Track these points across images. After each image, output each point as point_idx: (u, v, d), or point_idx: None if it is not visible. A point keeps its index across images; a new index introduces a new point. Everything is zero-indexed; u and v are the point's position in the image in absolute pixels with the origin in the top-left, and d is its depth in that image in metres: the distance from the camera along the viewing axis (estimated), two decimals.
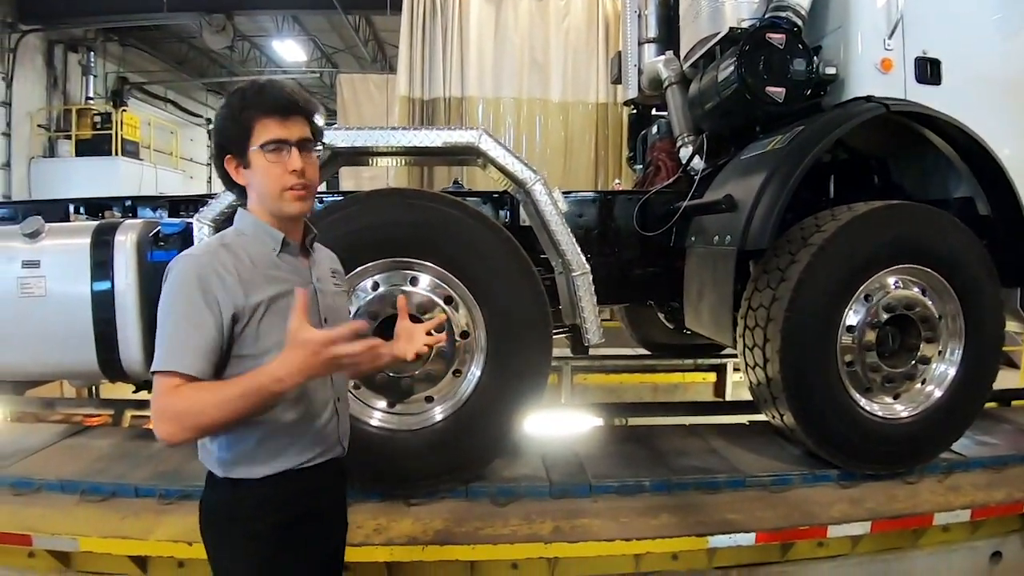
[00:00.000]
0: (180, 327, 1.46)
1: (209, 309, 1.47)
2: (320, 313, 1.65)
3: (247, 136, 1.54)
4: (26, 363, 3.01)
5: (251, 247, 1.58)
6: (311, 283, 1.65)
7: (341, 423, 1.72)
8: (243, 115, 1.54)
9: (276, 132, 1.53)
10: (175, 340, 1.46)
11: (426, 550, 2.50)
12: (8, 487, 2.92)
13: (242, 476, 1.56)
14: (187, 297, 1.47)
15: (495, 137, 3.03)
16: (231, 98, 1.57)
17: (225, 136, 1.57)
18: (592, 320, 3.01)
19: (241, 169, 1.58)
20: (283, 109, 1.54)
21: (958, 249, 3.03)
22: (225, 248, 1.55)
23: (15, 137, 13.69)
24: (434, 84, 8.02)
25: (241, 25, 14.72)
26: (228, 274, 1.49)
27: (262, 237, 1.60)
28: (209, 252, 1.54)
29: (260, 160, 1.54)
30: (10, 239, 2.96)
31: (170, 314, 1.48)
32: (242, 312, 1.50)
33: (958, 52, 3.23)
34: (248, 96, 1.55)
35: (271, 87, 1.57)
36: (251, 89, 1.57)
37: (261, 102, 1.54)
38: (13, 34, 13.25)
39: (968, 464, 3.20)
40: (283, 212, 1.58)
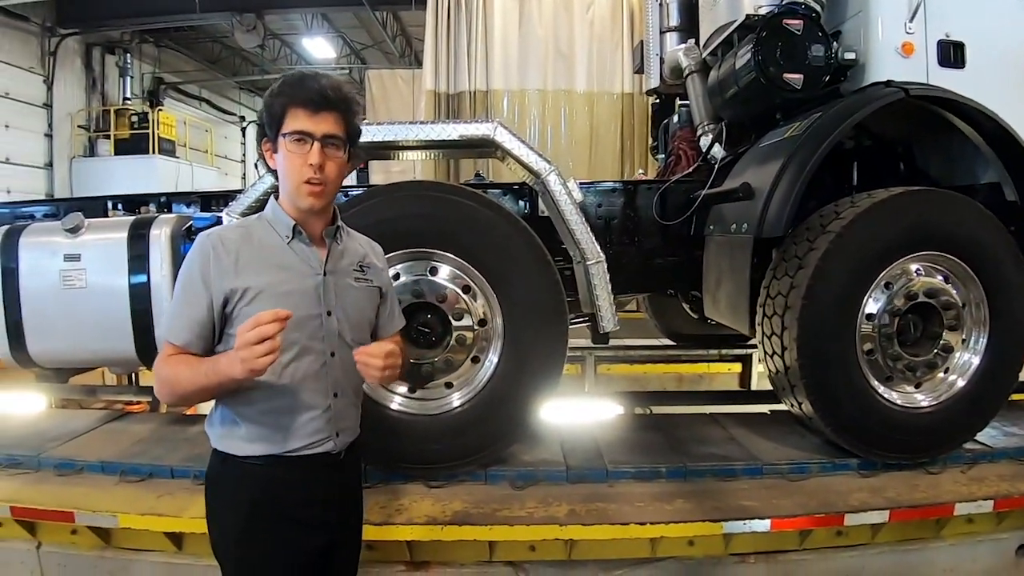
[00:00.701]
0: (179, 300, 1.60)
1: (204, 286, 1.57)
2: (323, 305, 1.65)
3: (279, 122, 1.59)
4: (68, 351, 3.16)
5: (265, 232, 1.65)
6: (319, 274, 1.65)
7: (338, 418, 1.69)
8: (278, 101, 1.59)
9: (303, 124, 1.57)
10: (173, 312, 1.61)
11: (445, 530, 2.57)
12: (53, 468, 3.08)
13: (228, 451, 1.64)
14: (188, 273, 1.59)
15: (511, 129, 3.07)
16: (276, 83, 1.63)
17: (263, 119, 1.64)
18: (607, 308, 3.05)
19: (272, 154, 1.65)
20: (314, 102, 1.57)
21: (982, 235, 2.98)
22: (241, 229, 1.66)
23: (56, 138, 14.16)
24: (459, 78, 8.09)
25: (272, 24, 14.96)
26: (227, 255, 1.58)
27: (278, 224, 1.66)
28: (222, 232, 1.63)
29: (283, 149, 1.60)
30: (52, 234, 3.10)
31: (177, 287, 1.63)
32: (232, 294, 1.56)
33: (983, 34, 3.18)
34: (287, 83, 1.61)
35: (311, 79, 1.61)
36: (293, 77, 1.62)
37: (295, 92, 1.58)
38: (52, 38, 13.69)
39: (993, 455, 3.15)
40: (297, 204, 1.63)
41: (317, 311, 1.64)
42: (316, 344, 1.64)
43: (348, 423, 1.74)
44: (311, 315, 1.63)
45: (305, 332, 1.62)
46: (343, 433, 1.72)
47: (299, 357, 1.62)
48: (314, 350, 1.64)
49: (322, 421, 1.66)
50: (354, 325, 1.72)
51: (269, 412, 1.61)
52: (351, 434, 1.76)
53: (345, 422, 1.73)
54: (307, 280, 1.64)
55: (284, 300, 1.55)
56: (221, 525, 1.68)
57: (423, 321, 2.94)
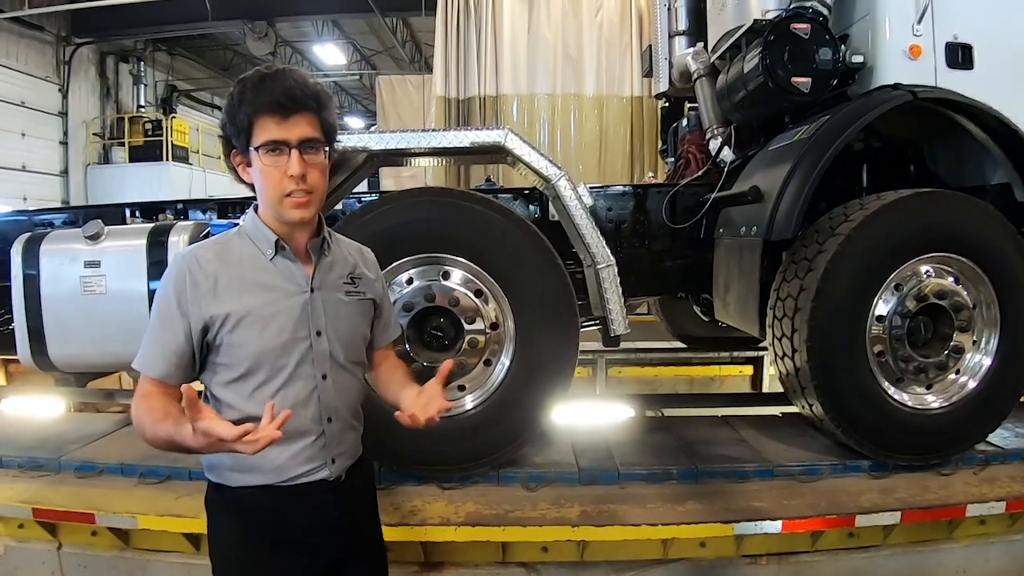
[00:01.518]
0: (154, 328, 1.46)
1: (180, 314, 1.43)
2: (310, 325, 1.52)
3: (248, 134, 1.43)
4: (89, 355, 3.21)
5: (245, 248, 1.51)
6: (305, 292, 1.52)
7: (333, 444, 1.57)
8: (241, 110, 1.41)
9: (275, 132, 1.40)
10: (148, 341, 1.46)
11: (458, 531, 2.60)
12: (73, 470, 3.13)
13: (220, 480, 1.55)
14: (164, 298, 1.46)
15: (521, 135, 3.10)
16: (233, 89, 1.44)
17: (227, 131, 1.47)
18: (617, 311, 3.07)
19: (244, 167, 1.49)
20: (283, 106, 1.40)
21: (992, 236, 2.98)
22: (218, 246, 1.50)
23: (72, 145, 14.39)
24: (469, 83, 8.15)
25: (283, 31, 15.13)
26: (204, 278, 1.44)
27: (259, 239, 1.51)
28: (198, 253, 1.48)
29: (257, 162, 1.43)
30: (73, 241, 3.16)
31: (152, 313, 1.48)
32: (212, 321, 1.44)
33: (991, 36, 3.18)
34: (248, 89, 1.42)
35: (273, 79, 1.42)
36: (251, 80, 1.43)
37: (259, 98, 1.40)
38: (67, 47, 13.91)
39: (1006, 456, 3.14)
40: (283, 218, 1.48)
41: (305, 332, 1.50)
42: (305, 368, 1.51)
43: (345, 447, 1.61)
44: (299, 337, 1.50)
45: (293, 356, 1.49)
46: (340, 458, 1.59)
47: (288, 384, 1.49)
48: (303, 375, 1.51)
49: (315, 448, 1.54)
50: (346, 344, 1.59)
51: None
52: (349, 458, 1.62)
53: (341, 447, 1.59)
54: (293, 299, 1.50)
55: (269, 324, 1.46)
56: (219, 553, 1.59)
57: (436, 325, 2.98)
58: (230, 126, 1.46)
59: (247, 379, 1.48)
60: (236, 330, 1.45)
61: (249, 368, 1.47)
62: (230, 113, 1.45)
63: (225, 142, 1.50)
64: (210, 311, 1.44)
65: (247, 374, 1.47)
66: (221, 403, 1.51)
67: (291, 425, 1.40)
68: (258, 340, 1.46)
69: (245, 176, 1.51)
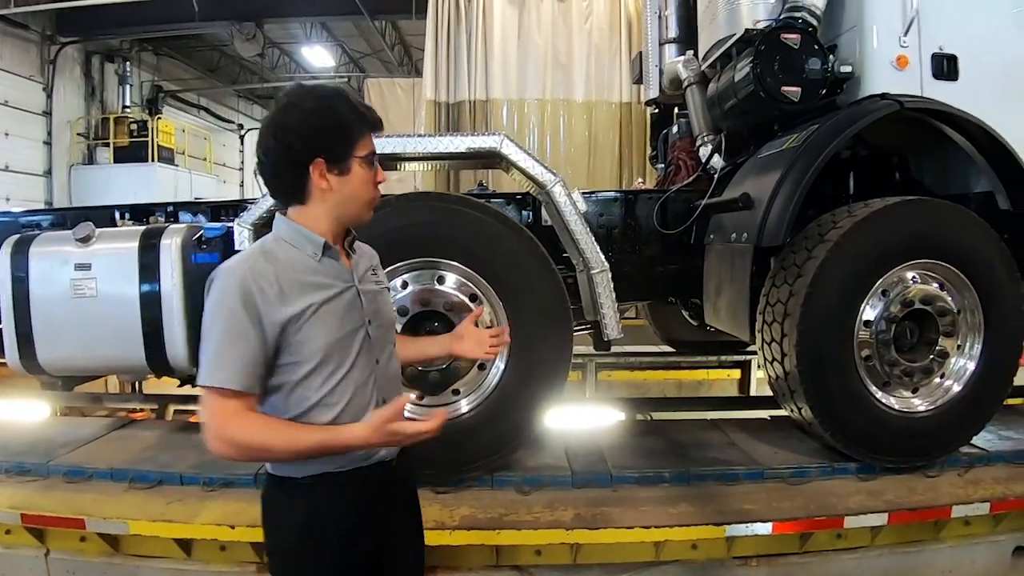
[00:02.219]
0: (222, 342, 1.47)
1: (252, 323, 1.46)
2: (364, 316, 1.63)
3: (351, 145, 1.56)
4: (78, 359, 3.20)
5: (292, 253, 1.57)
6: (353, 284, 1.63)
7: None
8: (355, 125, 1.56)
9: (372, 145, 1.61)
10: (221, 355, 1.47)
11: (453, 535, 2.61)
12: (62, 475, 3.10)
13: (283, 474, 1.59)
14: (230, 310, 1.46)
15: (516, 142, 3.13)
16: (337, 105, 1.55)
17: (322, 140, 1.53)
18: (611, 316, 3.10)
19: (329, 175, 1.55)
20: (379, 124, 1.62)
21: (976, 243, 3.05)
22: (266, 256, 1.54)
23: (56, 145, 14.21)
24: (459, 87, 8.15)
25: (271, 32, 15.06)
26: (269, 286, 1.49)
27: (302, 243, 1.58)
28: (250, 263, 1.52)
29: (361, 170, 1.58)
30: (64, 244, 3.14)
31: (214, 328, 1.48)
32: (286, 323, 1.50)
33: (975, 47, 3.25)
34: (352, 105, 1.58)
35: (359, 99, 1.65)
36: (351, 98, 1.60)
37: (364, 114, 1.58)
38: (52, 46, 13.76)
39: (990, 458, 3.20)
40: (362, 220, 1.64)
41: (360, 323, 1.62)
42: (363, 356, 1.62)
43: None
44: (356, 328, 1.61)
45: (354, 345, 1.60)
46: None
47: (351, 371, 1.59)
48: (361, 363, 1.62)
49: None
50: (387, 329, 1.74)
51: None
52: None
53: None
54: (345, 294, 1.61)
55: (332, 318, 1.55)
56: (278, 545, 1.64)
57: (430, 329, 2.99)
58: (329, 135, 1.54)
59: (318, 371, 1.55)
60: (304, 328, 1.52)
61: (320, 361, 1.54)
62: (334, 124, 1.54)
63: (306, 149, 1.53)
64: (283, 314, 1.50)
65: (318, 367, 1.55)
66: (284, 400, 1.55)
67: (354, 409, 1.58)
68: (325, 334, 1.54)
69: (319, 181, 1.55)
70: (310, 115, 1.53)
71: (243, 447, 1.46)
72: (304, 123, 1.52)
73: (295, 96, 1.56)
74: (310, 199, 1.58)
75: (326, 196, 1.57)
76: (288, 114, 1.53)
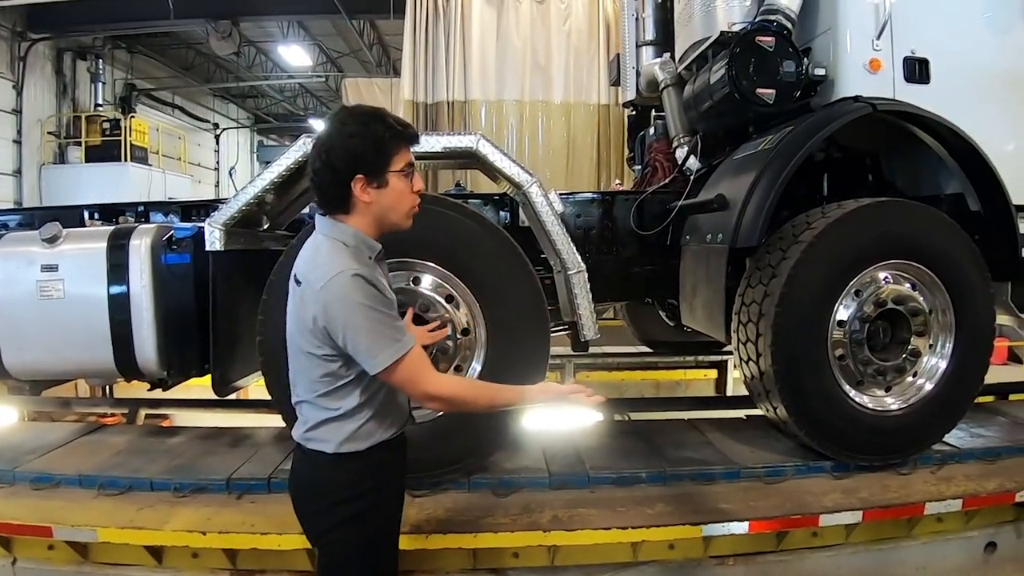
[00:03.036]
0: (385, 321, 1.70)
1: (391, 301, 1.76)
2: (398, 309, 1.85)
3: (388, 160, 1.74)
4: (45, 362, 3.12)
5: (360, 257, 1.77)
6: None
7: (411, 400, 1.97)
8: (394, 141, 1.75)
9: (408, 158, 1.79)
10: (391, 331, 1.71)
11: (429, 539, 2.59)
12: (29, 482, 3.03)
13: (349, 450, 1.81)
14: (374, 298, 1.69)
15: (492, 142, 3.12)
16: (373, 125, 1.73)
17: (362, 159, 1.72)
18: (588, 317, 3.09)
19: (369, 189, 1.74)
20: (416, 138, 1.83)
21: (947, 244, 3.09)
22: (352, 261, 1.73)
23: (26, 144, 13.91)
24: (437, 88, 8.13)
25: (247, 31, 14.90)
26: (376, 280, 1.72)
27: (362, 248, 1.78)
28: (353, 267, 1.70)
29: (398, 182, 1.77)
30: (29, 244, 3.07)
31: (368, 316, 1.68)
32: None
33: (946, 51, 3.31)
34: (390, 123, 1.75)
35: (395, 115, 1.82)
36: (388, 116, 1.78)
37: (403, 131, 1.77)
38: (23, 42, 13.47)
39: (961, 456, 3.24)
40: (402, 228, 1.84)
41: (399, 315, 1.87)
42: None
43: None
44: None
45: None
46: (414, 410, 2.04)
47: None
48: None
49: (406, 405, 1.97)
50: None
51: (384, 406, 1.85)
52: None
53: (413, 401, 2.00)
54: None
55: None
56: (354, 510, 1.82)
57: None
58: (370, 153, 1.72)
59: None
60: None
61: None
62: (373, 143, 1.72)
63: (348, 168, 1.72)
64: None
65: None
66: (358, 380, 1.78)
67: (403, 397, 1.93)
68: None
69: (363, 195, 1.75)
70: (350, 138, 1.72)
71: (452, 400, 1.81)
72: (344, 146, 1.72)
73: (338, 119, 1.78)
74: (354, 210, 1.78)
75: (369, 208, 1.77)
76: (332, 137, 1.74)
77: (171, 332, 3.08)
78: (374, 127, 1.73)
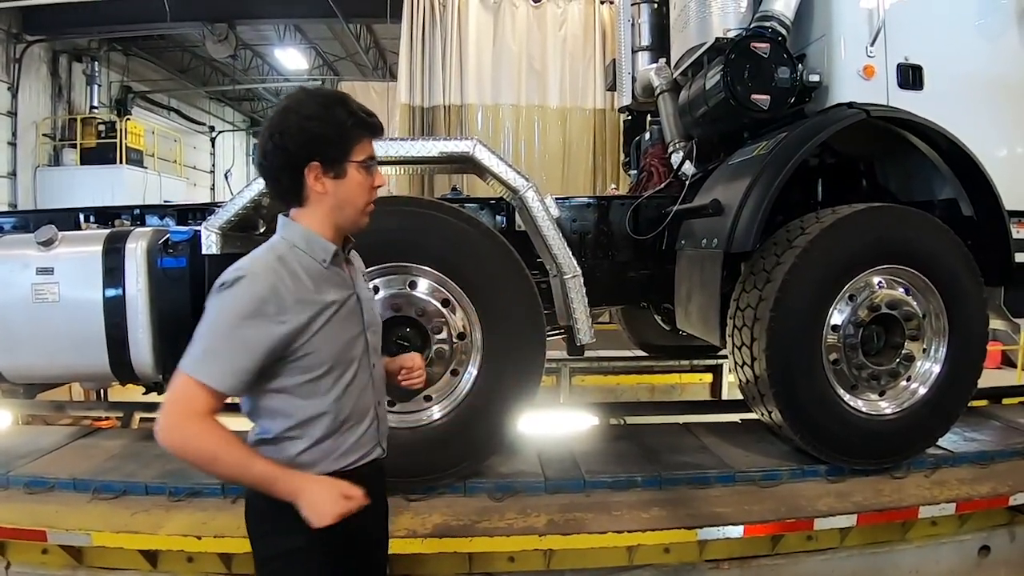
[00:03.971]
0: (229, 342, 1.47)
1: (265, 330, 1.48)
2: (363, 320, 1.68)
3: (347, 149, 1.57)
4: (40, 366, 3.11)
5: (303, 260, 1.58)
6: (353, 292, 1.67)
7: (381, 425, 1.76)
8: (353, 130, 1.57)
9: (370, 150, 1.62)
10: (218, 354, 1.47)
11: (425, 543, 2.59)
12: (23, 486, 3.01)
13: None
14: (241, 315, 1.47)
15: (489, 146, 3.13)
16: (334, 109, 1.56)
17: (320, 144, 1.54)
18: (583, 321, 3.11)
19: (324, 178, 1.56)
20: (380, 129, 1.64)
21: (940, 249, 3.11)
22: (282, 263, 1.55)
23: (21, 146, 13.84)
24: (434, 92, 8.15)
25: (243, 34, 14.86)
26: (287, 292, 1.51)
27: (314, 249, 1.60)
28: (269, 271, 1.52)
29: (358, 175, 1.59)
30: (25, 247, 3.06)
31: (220, 325, 1.48)
32: (300, 330, 1.52)
33: (940, 58, 3.33)
34: (351, 110, 1.58)
35: (359, 104, 1.62)
36: (351, 103, 1.60)
37: (364, 119, 1.59)
38: (18, 44, 13.41)
39: (955, 459, 3.27)
40: (359, 225, 1.66)
41: (360, 328, 1.68)
42: (364, 359, 1.68)
43: (385, 427, 1.81)
44: (358, 332, 1.67)
45: (357, 350, 1.66)
46: (383, 439, 1.79)
47: (356, 376, 1.65)
48: (363, 366, 1.68)
49: (372, 430, 1.72)
50: (378, 333, 1.79)
51: (332, 433, 1.62)
52: (385, 439, 1.82)
53: (384, 426, 1.80)
54: (350, 300, 1.65)
55: (341, 324, 1.60)
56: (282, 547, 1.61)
57: (402, 335, 2.96)
58: (327, 139, 1.55)
59: (328, 376, 1.59)
60: (318, 333, 1.55)
61: (331, 366, 1.59)
62: (332, 128, 1.55)
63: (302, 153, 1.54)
64: (298, 320, 1.52)
65: (328, 371, 1.59)
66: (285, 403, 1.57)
67: (358, 411, 1.67)
68: (335, 340, 1.59)
69: (315, 185, 1.57)
70: (307, 120, 1.54)
71: (193, 449, 1.47)
72: (300, 127, 1.54)
73: (294, 100, 1.59)
74: (308, 202, 1.60)
75: (323, 200, 1.59)
76: (286, 118, 1.55)
77: (167, 336, 3.07)
78: (336, 111, 1.56)
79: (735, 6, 3.63)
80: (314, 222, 1.61)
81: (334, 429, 1.61)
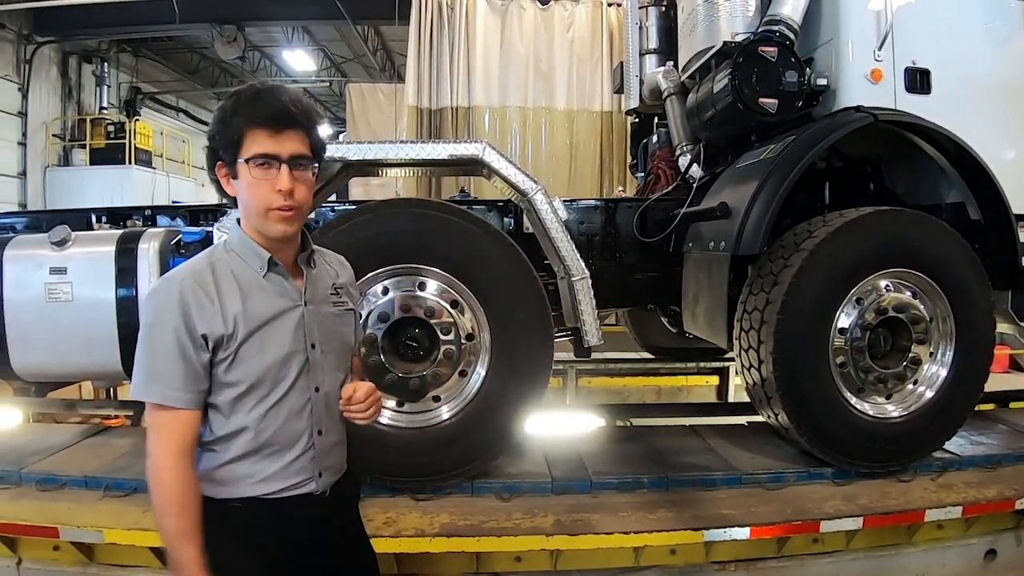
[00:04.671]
0: (164, 356, 1.41)
1: (191, 339, 1.41)
2: (306, 338, 1.54)
3: (237, 146, 1.43)
4: (53, 364, 3.15)
5: (238, 266, 1.50)
6: (299, 305, 1.54)
7: (321, 457, 1.58)
8: (234, 121, 1.43)
9: (266, 146, 1.42)
10: (158, 370, 1.41)
11: (433, 542, 2.61)
12: (35, 483, 3.04)
13: (207, 494, 1.48)
14: (167, 326, 1.40)
15: (498, 149, 3.15)
16: (226, 101, 1.46)
17: (216, 142, 1.46)
18: (591, 323, 3.12)
19: (230, 179, 1.48)
20: (276, 121, 1.42)
21: (947, 253, 3.11)
22: (211, 268, 1.47)
23: (30, 147, 13.95)
24: (441, 94, 8.17)
25: (252, 36, 14.93)
26: (208, 300, 1.43)
27: (249, 256, 1.50)
28: (192, 276, 1.45)
29: (246, 174, 1.43)
30: (38, 247, 3.10)
31: (151, 341, 1.42)
32: (221, 340, 1.44)
33: (947, 61, 3.34)
34: (242, 101, 1.44)
35: (268, 94, 1.45)
36: (246, 94, 1.45)
37: (253, 110, 1.42)
38: (28, 46, 13.52)
39: (962, 463, 3.26)
40: (266, 232, 1.48)
41: (302, 346, 1.53)
42: (302, 380, 1.54)
43: (332, 461, 1.62)
44: (296, 350, 1.52)
45: (293, 369, 1.52)
46: (326, 473, 1.60)
47: (285, 397, 1.51)
48: (299, 387, 1.53)
49: (304, 461, 1.55)
50: (337, 355, 1.63)
51: (251, 454, 1.50)
52: (335, 473, 1.63)
53: (328, 460, 1.61)
54: (289, 314, 1.52)
55: (272, 339, 1.48)
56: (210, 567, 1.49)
57: (411, 335, 2.99)
58: (220, 137, 1.46)
59: (250, 393, 1.48)
60: (242, 347, 1.46)
61: (253, 383, 1.48)
62: (221, 123, 1.45)
63: (211, 153, 1.49)
64: (219, 330, 1.43)
65: (251, 389, 1.48)
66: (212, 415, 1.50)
67: (284, 435, 1.51)
68: (262, 355, 1.47)
69: (228, 188, 1.50)
70: (216, 119, 1.47)
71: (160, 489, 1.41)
72: (210, 125, 1.49)
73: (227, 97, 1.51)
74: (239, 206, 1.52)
75: (240, 204, 1.50)
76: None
77: None
78: (226, 104, 1.44)
79: (743, 10, 3.64)
80: (247, 226, 1.52)
81: (252, 451, 1.49)
